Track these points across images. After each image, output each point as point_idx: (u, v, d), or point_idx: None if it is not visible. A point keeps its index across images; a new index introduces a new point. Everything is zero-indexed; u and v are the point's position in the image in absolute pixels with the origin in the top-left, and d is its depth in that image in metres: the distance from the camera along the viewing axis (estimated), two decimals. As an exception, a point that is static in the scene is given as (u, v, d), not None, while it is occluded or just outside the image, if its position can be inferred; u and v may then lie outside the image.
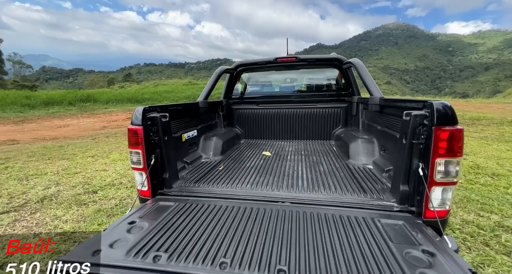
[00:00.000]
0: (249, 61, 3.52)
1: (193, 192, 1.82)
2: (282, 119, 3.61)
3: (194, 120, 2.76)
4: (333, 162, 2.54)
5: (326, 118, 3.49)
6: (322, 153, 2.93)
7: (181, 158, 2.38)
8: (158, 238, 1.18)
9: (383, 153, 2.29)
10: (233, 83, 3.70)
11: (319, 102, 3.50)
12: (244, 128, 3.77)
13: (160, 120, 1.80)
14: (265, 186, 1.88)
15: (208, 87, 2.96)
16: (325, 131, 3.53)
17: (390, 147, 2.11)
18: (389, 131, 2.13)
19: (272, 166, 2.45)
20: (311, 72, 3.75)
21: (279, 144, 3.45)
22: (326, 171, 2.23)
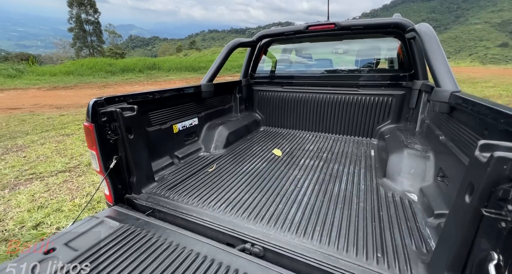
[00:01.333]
0: (274, 31, 2.78)
1: (159, 204, 1.54)
2: (311, 106, 2.89)
3: (194, 107, 2.40)
4: (359, 178, 1.84)
5: (370, 109, 2.60)
6: (351, 158, 2.20)
7: (169, 152, 2.11)
8: None
9: (440, 180, 1.47)
10: (255, 59, 3.07)
11: (362, 87, 2.59)
12: (265, 113, 3.21)
13: (121, 115, 1.48)
14: (241, 214, 1.43)
15: (214, 66, 2.47)
16: (366, 126, 2.67)
17: (453, 175, 1.31)
18: (457, 152, 1.30)
19: (272, 175, 1.93)
20: (358, 44, 2.73)
21: (301, 138, 2.81)
22: (341, 197, 1.59)
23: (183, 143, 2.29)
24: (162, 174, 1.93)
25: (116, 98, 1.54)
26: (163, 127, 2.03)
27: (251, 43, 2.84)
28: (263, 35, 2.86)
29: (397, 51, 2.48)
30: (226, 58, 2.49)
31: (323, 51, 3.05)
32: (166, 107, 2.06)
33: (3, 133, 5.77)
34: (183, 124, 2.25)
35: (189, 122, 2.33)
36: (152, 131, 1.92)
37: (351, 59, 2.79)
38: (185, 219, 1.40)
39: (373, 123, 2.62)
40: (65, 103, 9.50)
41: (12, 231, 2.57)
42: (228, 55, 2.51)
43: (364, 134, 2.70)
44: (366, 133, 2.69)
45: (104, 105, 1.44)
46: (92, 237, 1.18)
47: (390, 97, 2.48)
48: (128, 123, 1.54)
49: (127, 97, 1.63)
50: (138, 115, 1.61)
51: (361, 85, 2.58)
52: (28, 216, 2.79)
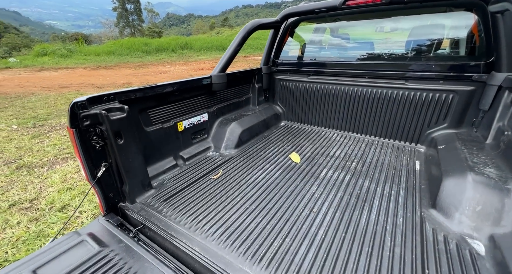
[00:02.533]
0: (301, 9, 2.25)
1: (150, 219, 1.36)
2: (342, 101, 2.40)
3: (203, 101, 2.12)
4: (397, 205, 1.42)
5: (420, 107, 2.04)
6: (387, 173, 1.76)
7: (172, 153, 1.91)
8: None
9: None
10: (279, 43, 2.61)
11: (412, 79, 2.01)
12: (288, 106, 2.81)
13: (107, 118, 1.28)
14: (237, 247, 1.17)
15: (227, 53, 2.10)
16: (412, 129, 2.13)
17: None
18: None
19: (285, 190, 1.62)
20: (412, 21, 2.06)
21: (327, 138, 2.39)
22: (369, 234, 1.23)
23: (189, 141, 2.07)
24: (162, 179, 1.76)
25: (104, 97, 1.32)
26: (165, 126, 1.81)
27: (273, 24, 2.38)
28: (288, 14, 2.36)
29: (470, 31, 1.80)
30: (241, 43, 2.10)
31: (364, 32, 2.44)
32: (169, 104, 1.81)
33: (50, 112, 6.30)
34: (189, 121, 2.01)
35: (197, 119, 2.08)
36: (152, 131, 1.71)
37: (399, 41, 2.15)
38: (173, 244, 1.21)
39: (421, 125, 2.07)
40: (105, 83, 10.08)
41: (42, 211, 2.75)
42: (244, 40, 2.11)
43: (408, 138, 2.17)
44: (410, 138, 2.15)
45: (87, 107, 1.24)
46: (64, 263, 1.05)
47: (451, 94, 1.88)
48: (116, 127, 1.33)
49: (120, 94, 1.41)
50: (129, 117, 1.39)
51: (411, 77, 2.00)
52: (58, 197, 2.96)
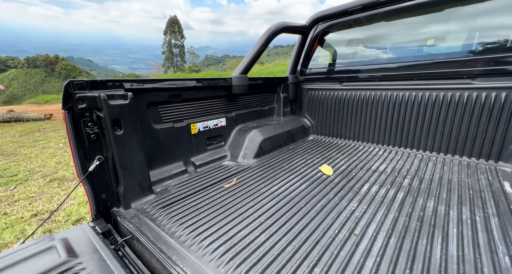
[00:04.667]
0: (334, 10, 2.09)
1: (140, 229, 1.08)
2: (384, 109, 2.02)
3: (221, 105, 1.94)
4: (491, 237, 0.94)
5: (497, 112, 1.57)
6: (461, 193, 1.27)
7: (183, 157, 1.68)
8: None
9: None
10: (308, 51, 2.44)
11: (481, 76, 1.60)
12: (317, 118, 2.49)
13: (105, 102, 1.13)
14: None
15: (250, 54, 1.97)
16: (487, 142, 1.62)
17: None
18: None
19: (313, 204, 1.23)
20: (472, 10, 1.72)
21: (367, 152, 1.96)
22: (450, 269, 0.78)
23: (203, 147, 1.84)
24: (167, 184, 1.51)
25: (109, 83, 1.20)
26: (176, 126, 1.63)
27: (301, 29, 2.24)
28: (318, 18, 2.22)
29: None
30: (265, 44, 1.97)
31: (410, 40, 2.14)
32: (183, 102, 1.66)
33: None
34: (205, 124, 1.81)
35: (214, 122, 1.88)
36: (161, 129, 1.54)
37: (462, 34, 1.78)
38: (161, 263, 0.89)
39: (503, 136, 1.57)
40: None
41: (58, 222, 2.65)
42: (268, 42, 1.98)
43: (483, 154, 1.65)
44: (486, 154, 1.64)
45: (85, 88, 1.11)
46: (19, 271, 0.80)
47: None
48: (116, 114, 1.17)
49: (127, 82, 1.29)
50: (132, 105, 1.23)
51: (480, 73, 1.59)
52: (76, 210, 2.88)
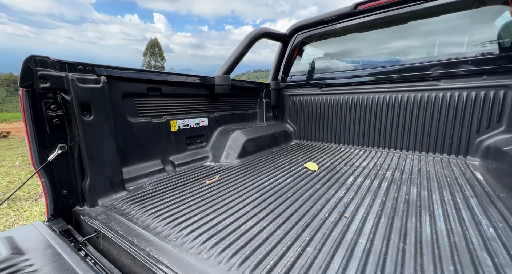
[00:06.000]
0: (311, 20, 2.24)
1: (108, 224, 0.94)
2: (362, 112, 2.11)
3: (203, 104, 1.89)
4: (473, 213, 0.95)
5: (461, 112, 1.71)
6: (440, 181, 1.31)
7: (160, 155, 1.57)
8: None
9: None
10: (288, 60, 2.55)
11: (444, 78, 1.76)
12: (299, 124, 2.53)
13: (73, 84, 1.03)
14: (227, 259, 0.72)
15: (233, 56, 2.00)
16: (455, 139, 1.74)
17: None
18: None
19: (300, 194, 1.18)
20: (433, 22, 1.95)
21: (349, 153, 2.00)
22: (445, 247, 0.76)
23: (183, 146, 1.74)
24: (142, 183, 1.37)
25: (79, 66, 1.11)
26: (154, 121, 1.53)
27: (281, 37, 2.36)
28: (296, 28, 2.36)
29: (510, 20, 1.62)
30: (248, 47, 2.02)
31: (377, 49, 2.35)
32: (163, 97, 1.59)
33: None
34: (185, 122, 1.73)
35: (195, 121, 1.81)
36: (137, 123, 1.43)
37: (427, 40, 1.98)
38: (131, 256, 0.76)
39: (468, 132, 1.69)
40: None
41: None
42: (250, 45, 2.04)
43: (453, 151, 1.75)
44: (455, 150, 1.74)
45: (49, 66, 1.01)
46: None
47: (502, 90, 1.58)
48: (85, 98, 1.07)
49: (100, 68, 1.20)
50: (104, 90, 1.14)
51: (443, 75, 1.75)
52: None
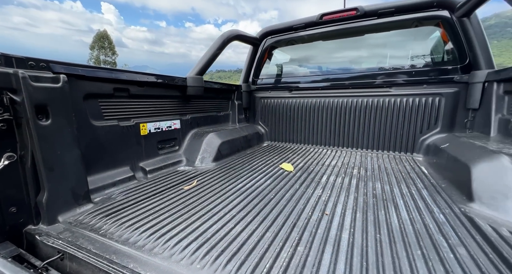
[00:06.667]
0: (281, 26, 2.34)
1: (76, 243, 0.83)
2: (328, 114, 2.28)
3: (175, 105, 1.81)
4: (426, 203, 1.11)
5: (408, 115, 1.97)
6: (397, 176, 1.49)
7: (129, 161, 1.45)
8: None
9: None
10: (258, 63, 2.60)
11: (395, 86, 2.02)
12: (270, 125, 2.60)
13: (27, 84, 0.88)
14: (223, 266, 0.71)
15: (205, 57, 1.95)
16: (404, 138, 2.00)
17: None
18: None
19: (282, 195, 1.22)
20: (386, 38, 2.23)
21: (318, 153, 2.14)
22: (411, 234, 0.87)
23: (155, 151, 1.63)
24: (110, 193, 1.24)
25: (30, 62, 0.96)
26: (122, 125, 1.40)
27: (252, 40, 2.39)
28: (267, 32, 2.43)
29: (442, 40, 1.95)
30: (220, 49, 2.00)
31: (341, 57, 2.57)
32: (131, 98, 1.47)
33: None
34: (156, 125, 1.63)
35: (167, 124, 1.71)
36: (102, 127, 1.29)
37: (381, 52, 2.26)
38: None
39: (414, 132, 1.97)
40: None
41: None
42: (223, 46, 2.02)
43: (403, 148, 2.02)
44: (405, 147, 2.01)
45: None
46: None
47: (437, 97, 1.87)
48: (41, 99, 0.93)
49: (58, 65, 1.05)
50: (65, 90, 1.01)
51: (394, 83, 2.00)
52: None
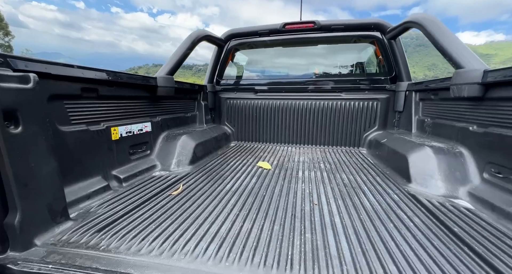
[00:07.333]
0: (245, 30, 2.43)
1: (72, 264, 0.73)
2: (290, 115, 2.51)
3: (145, 107, 1.69)
4: (383, 187, 1.41)
5: (355, 115, 2.38)
6: (355, 167, 1.81)
7: (101, 170, 1.30)
8: None
9: (499, 177, 1.15)
10: (223, 61, 2.62)
11: (345, 91, 2.39)
12: (237, 126, 2.67)
13: None
14: (248, 260, 0.77)
15: (175, 57, 1.88)
16: (352, 135, 2.41)
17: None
18: None
19: (272, 191, 1.34)
20: (336, 49, 2.62)
21: (285, 151, 2.35)
22: (381, 213, 1.11)
23: (126, 157, 1.49)
24: (86, 207, 1.09)
25: None
26: (92, 129, 1.24)
27: (218, 41, 2.40)
28: (232, 34, 2.48)
29: (376, 55, 2.42)
30: (191, 49, 1.95)
31: (292, 56, 2.85)
32: (101, 99, 1.31)
33: None
34: (128, 128, 1.49)
35: (138, 127, 1.58)
36: (70, 132, 1.12)
37: (334, 63, 2.63)
38: None
39: (360, 130, 2.39)
40: None
41: None
42: (192, 47, 1.97)
43: (352, 143, 2.42)
44: (353, 142, 2.41)
45: None
46: None
47: (375, 102, 2.33)
48: (9, 103, 0.77)
49: (16, 59, 0.88)
50: (37, 92, 0.86)
51: (343, 89, 2.38)
52: None
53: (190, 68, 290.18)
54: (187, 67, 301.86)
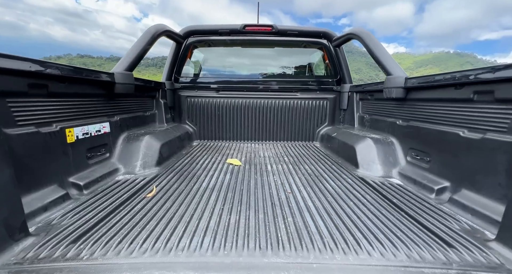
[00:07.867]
0: (205, 28, 2.42)
1: None
2: (251, 113, 2.62)
3: (102, 106, 1.53)
4: (340, 174, 1.66)
5: (309, 113, 2.65)
6: (314, 159, 2.04)
7: (57, 177, 1.14)
8: None
9: (417, 159, 1.51)
10: (181, 58, 2.54)
11: (300, 91, 2.64)
12: (199, 125, 2.63)
13: None
14: (252, 248, 0.84)
15: (135, 52, 1.75)
16: (307, 130, 2.68)
17: (437, 149, 1.35)
18: (432, 128, 1.38)
19: (249, 185, 1.42)
20: (290, 52, 2.86)
21: (248, 147, 2.45)
22: (343, 195, 1.32)
23: (84, 161, 1.33)
24: (45, 219, 0.96)
25: None
26: (43, 131, 1.08)
27: (177, 37, 2.31)
28: (191, 31, 2.42)
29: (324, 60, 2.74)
30: (150, 44, 1.83)
31: (251, 56, 2.97)
32: (52, 97, 1.14)
33: None
34: (85, 130, 1.33)
35: (96, 128, 1.42)
36: (16, 135, 0.96)
37: (289, 64, 2.84)
38: None
39: (313, 126, 2.67)
40: None
41: None
42: (152, 43, 1.86)
43: (307, 137, 2.69)
44: (308, 137, 2.69)
45: None
46: None
47: (325, 101, 2.64)
48: None
49: None
50: None
51: (298, 89, 2.62)
52: None
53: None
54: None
